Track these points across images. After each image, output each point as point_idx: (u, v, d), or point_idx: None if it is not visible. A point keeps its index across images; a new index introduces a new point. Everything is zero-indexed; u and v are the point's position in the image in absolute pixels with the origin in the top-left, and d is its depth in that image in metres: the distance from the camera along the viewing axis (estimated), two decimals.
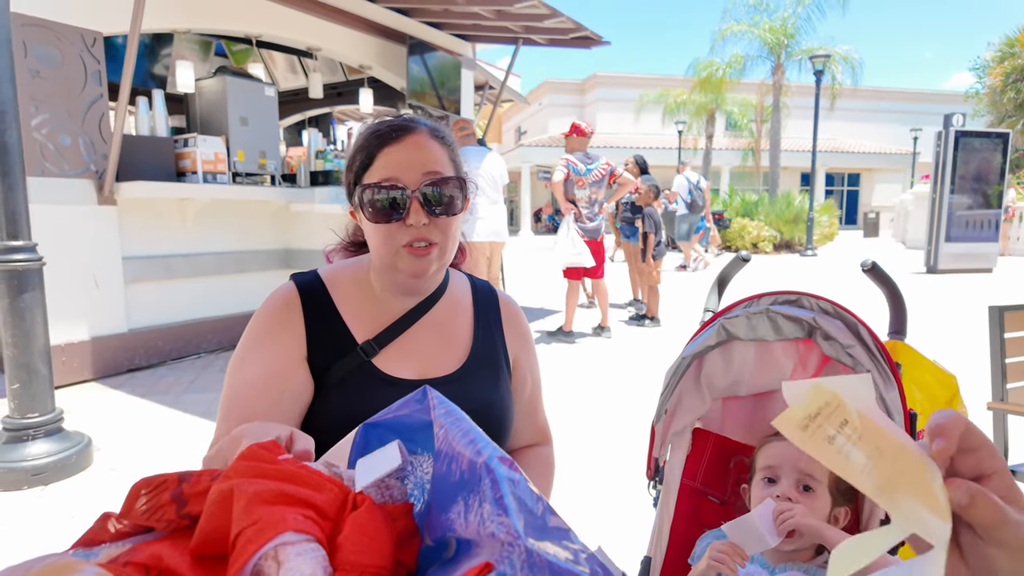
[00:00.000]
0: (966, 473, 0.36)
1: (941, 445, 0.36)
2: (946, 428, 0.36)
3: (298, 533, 0.36)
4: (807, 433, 0.36)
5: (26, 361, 2.39)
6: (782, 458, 0.91)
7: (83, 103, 3.61)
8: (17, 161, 2.33)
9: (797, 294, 1.03)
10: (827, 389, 0.37)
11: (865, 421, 0.36)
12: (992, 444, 0.37)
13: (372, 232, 0.89)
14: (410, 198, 0.86)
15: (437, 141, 0.90)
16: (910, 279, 8.84)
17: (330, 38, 5.30)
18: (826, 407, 0.36)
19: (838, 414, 0.36)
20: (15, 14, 2.96)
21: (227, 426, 0.81)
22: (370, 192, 0.86)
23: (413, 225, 0.86)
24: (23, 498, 2.25)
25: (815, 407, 0.36)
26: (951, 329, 5.29)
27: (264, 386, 0.84)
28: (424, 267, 0.88)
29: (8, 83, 2.29)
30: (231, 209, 4.61)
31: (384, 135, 0.88)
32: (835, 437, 0.36)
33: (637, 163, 6.30)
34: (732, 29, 19.13)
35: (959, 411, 1.16)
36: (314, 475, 0.42)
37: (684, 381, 1.07)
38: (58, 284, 3.39)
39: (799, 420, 0.36)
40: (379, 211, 0.86)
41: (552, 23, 5.63)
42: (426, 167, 0.87)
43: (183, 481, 0.42)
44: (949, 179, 9.57)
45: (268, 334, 0.89)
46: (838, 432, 0.36)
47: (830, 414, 0.36)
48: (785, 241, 14.45)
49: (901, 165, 28.55)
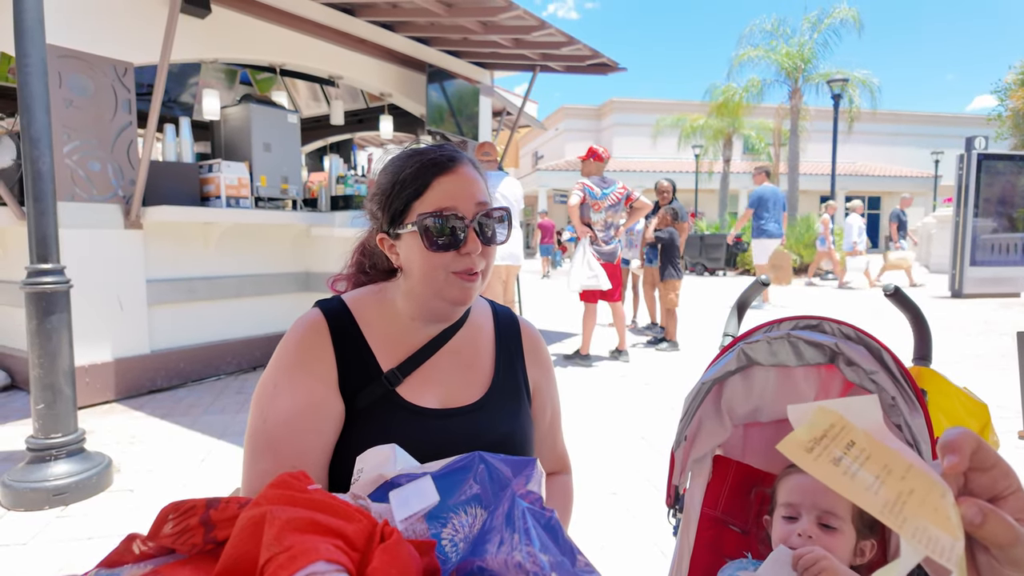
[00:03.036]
0: (980, 493, 0.35)
1: (953, 461, 0.35)
2: (957, 444, 0.35)
3: (329, 563, 0.36)
4: (812, 456, 0.35)
5: (51, 382, 2.43)
6: (802, 495, 0.88)
7: (113, 130, 3.73)
8: (49, 187, 2.40)
9: (818, 319, 1.02)
10: (832, 411, 0.36)
11: (872, 442, 0.35)
12: (1006, 464, 0.36)
13: (423, 259, 0.88)
14: (468, 227, 0.87)
15: (477, 171, 0.93)
16: (934, 304, 8.67)
17: (352, 67, 5.42)
18: (831, 429, 0.36)
19: (844, 435, 0.35)
20: (51, 46, 3.08)
21: (274, 459, 0.80)
22: (431, 220, 0.86)
23: (470, 254, 0.87)
24: (43, 518, 2.27)
25: (820, 429, 0.36)
26: (978, 355, 5.16)
27: (307, 416, 0.83)
28: (470, 294, 0.90)
29: (44, 112, 2.37)
30: (253, 233, 4.69)
31: (440, 164, 0.89)
32: (841, 459, 0.35)
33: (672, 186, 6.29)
34: (749, 54, 19.22)
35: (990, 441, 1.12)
36: (344, 506, 0.42)
37: (704, 407, 1.05)
38: (84, 306, 3.46)
39: (804, 443, 0.35)
40: (439, 239, 0.86)
41: (569, 50, 5.71)
42: (476, 197, 0.89)
43: (211, 507, 0.42)
44: (973, 202, 9.43)
45: (301, 363, 0.87)
46: (844, 453, 0.35)
47: (836, 435, 0.35)
48: (805, 265, 14.29)
49: (923, 188, 28.24)
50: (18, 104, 2.34)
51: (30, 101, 2.33)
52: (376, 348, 0.91)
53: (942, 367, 1.17)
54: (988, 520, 0.33)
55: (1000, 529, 0.33)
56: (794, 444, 0.35)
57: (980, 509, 0.33)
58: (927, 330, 1.22)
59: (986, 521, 0.33)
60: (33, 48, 2.32)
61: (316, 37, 4.98)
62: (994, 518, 0.33)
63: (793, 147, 18.68)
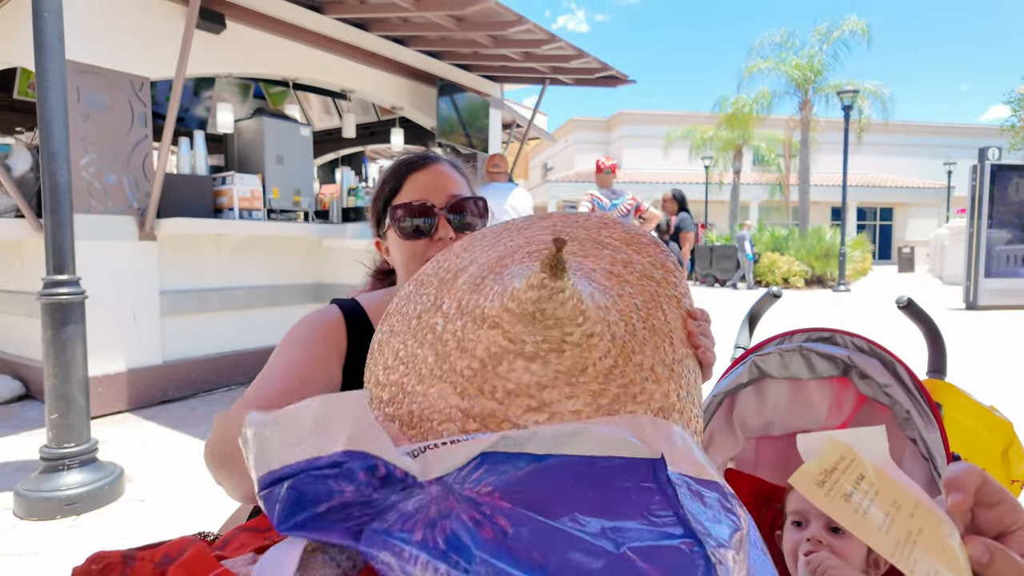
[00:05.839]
0: (988, 529, 0.35)
1: (957, 499, 0.34)
2: (961, 481, 0.35)
3: None
4: (824, 490, 0.35)
5: (65, 392, 2.45)
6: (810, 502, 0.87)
7: (129, 144, 3.79)
8: (66, 199, 2.44)
9: (831, 331, 1.01)
10: (841, 443, 0.36)
11: (881, 475, 0.35)
12: (1013, 498, 0.35)
13: (401, 249, 0.94)
14: (438, 215, 0.93)
15: (456, 171, 1.00)
16: (949, 316, 8.57)
17: (363, 80, 5.48)
18: (841, 461, 0.35)
19: (854, 469, 0.35)
20: (70, 61, 3.14)
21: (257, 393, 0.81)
22: (402, 211, 0.93)
23: (442, 239, 0.92)
24: (55, 528, 2.28)
25: (831, 462, 0.35)
26: (995, 368, 5.09)
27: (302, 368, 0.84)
28: None
29: (62, 127, 2.41)
30: (265, 245, 4.73)
31: (411, 163, 0.97)
32: (852, 494, 0.34)
33: (675, 198, 6.26)
34: (759, 66, 19.26)
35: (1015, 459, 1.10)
36: None
37: (715, 419, 1.04)
38: (98, 317, 3.50)
39: (816, 476, 0.35)
40: (410, 228, 0.92)
41: (578, 63, 5.75)
42: (449, 190, 0.95)
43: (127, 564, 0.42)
44: (987, 213, 9.35)
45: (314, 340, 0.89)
46: (855, 488, 0.35)
47: (846, 468, 0.35)
48: (817, 276, 14.20)
49: (935, 199, 28.02)
50: (37, 118, 2.39)
51: (49, 116, 2.38)
52: None
53: (959, 381, 1.16)
54: (995, 559, 0.33)
55: (1007, 568, 0.33)
56: (806, 477, 0.35)
57: (987, 548, 0.33)
58: (941, 342, 1.21)
59: (993, 560, 0.33)
60: (53, 64, 2.37)
61: (328, 52, 5.04)
62: (1001, 557, 0.33)
63: (804, 158, 18.63)
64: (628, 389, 0.52)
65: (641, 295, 0.60)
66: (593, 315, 0.53)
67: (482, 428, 0.50)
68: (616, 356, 0.53)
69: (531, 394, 0.51)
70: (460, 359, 0.54)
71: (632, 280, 0.62)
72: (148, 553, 0.43)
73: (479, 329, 0.55)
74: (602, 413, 0.51)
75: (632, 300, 0.59)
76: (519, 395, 0.51)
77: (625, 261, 0.64)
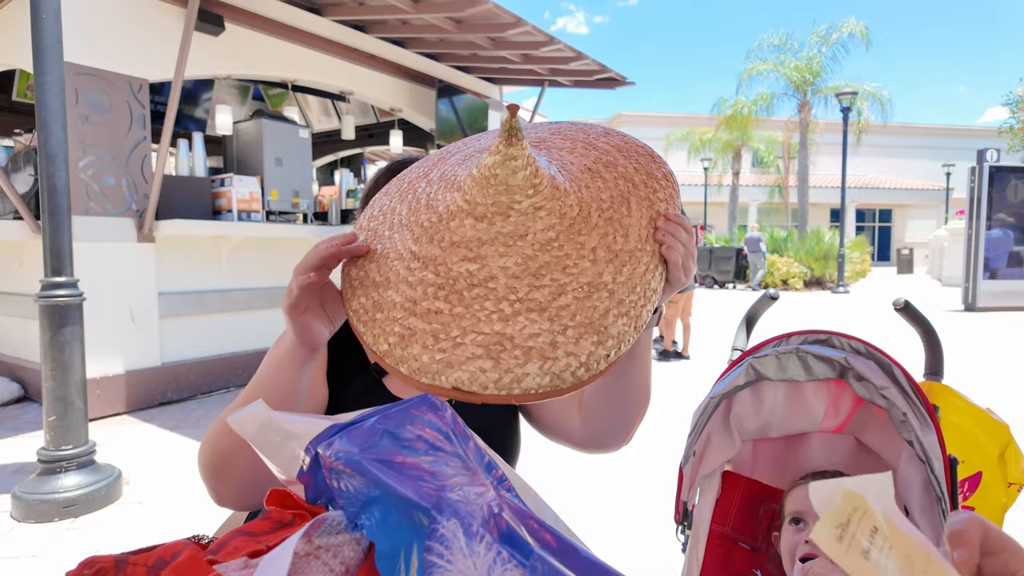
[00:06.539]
0: None
1: (964, 556, 0.34)
2: (965, 535, 0.35)
3: None
4: (843, 546, 0.35)
5: (63, 394, 2.45)
6: (809, 502, 0.88)
7: (127, 146, 3.78)
8: (65, 201, 2.44)
9: (828, 333, 1.01)
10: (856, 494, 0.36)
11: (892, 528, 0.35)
12: (1016, 543, 0.35)
13: None
14: None
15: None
16: (947, 317, 8.58)
17: (363, 82, 5.49)
18: (855, 513, 0.35)
19: (867, 521, 0.35)
20: (69, 63, 3.14)
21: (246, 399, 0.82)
22: None
23: None
24: (53, 530, 2.28)
25: (846, 514, 0.35)
26: (994, 371, 5.09)
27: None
28: None
29: (60, 129, 2.41)
30: (264, 246, 4.73)
31: (404, 163, 0.98)
32: (869, 551, 0.34)
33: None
34: (758, 68, 19.29)
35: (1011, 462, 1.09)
36: None
37: (712, 422, 1.04)
38: (96, 318, 3.50)
39: (834, 531, 0.35)
40: None
41: (577, 65, 5.75)
42: None
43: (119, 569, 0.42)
44: (985, 215, 9.36)
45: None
46: (871, 544, 0.35)
47: (859, 520, 0.35)
48: (816, 278, 14.21)
49: (934, 201, 28.04)
50: (36, 120, 2.39)
51: (47, 117, 2.38)
52: None
53: (957, 384, 1.16)
54: None
55: None
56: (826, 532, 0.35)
57: None
58: (938, 345, 1.21)
59: None
60: (51, 66, 2.37)
61: (327, 53, 5.05)
62: None
63: (803, 160, 18.66)
64: (561, 261, 0.60)
65: (610, 191, 0.66)
66: (546, 192, 0.61)
67: (423, 268, 0.61)
68: (560, 231, 0.61)
69: (470, 247, 0.60)
70: (424, 213, 0.65)
71: (608, 178, 0.68)
72: (141, 557, 0.43)
73: (447, 192, 0.65)
74: (530, 275, 0.58)
75: (599, 193, 0.66)
76: (460, 246, 0.61)
77: (609, 163, 0.70)
